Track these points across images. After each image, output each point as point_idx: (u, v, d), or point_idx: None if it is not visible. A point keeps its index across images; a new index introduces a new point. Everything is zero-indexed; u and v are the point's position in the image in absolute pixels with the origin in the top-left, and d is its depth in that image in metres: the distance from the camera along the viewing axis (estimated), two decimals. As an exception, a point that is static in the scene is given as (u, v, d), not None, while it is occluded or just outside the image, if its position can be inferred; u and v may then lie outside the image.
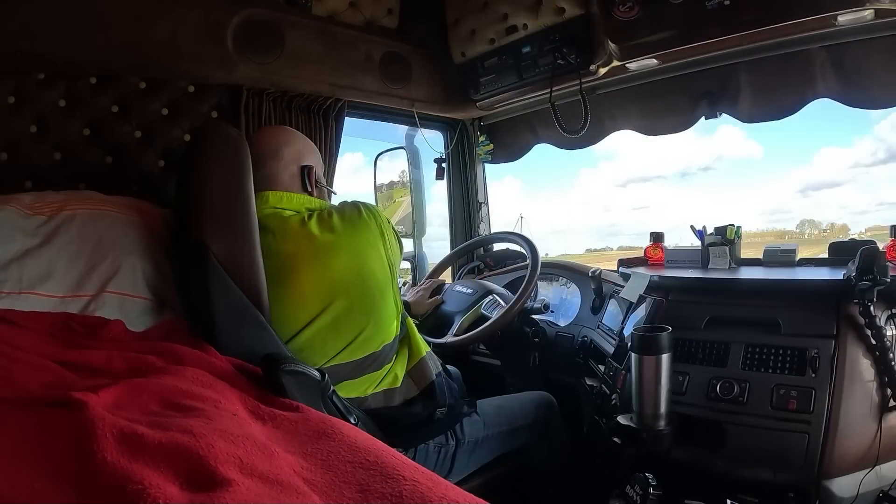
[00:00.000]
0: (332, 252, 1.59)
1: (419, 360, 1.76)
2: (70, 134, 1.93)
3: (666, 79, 2.49)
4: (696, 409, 1.63)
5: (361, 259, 1.62)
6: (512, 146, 3.22)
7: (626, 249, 7.48)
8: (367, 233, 1.64)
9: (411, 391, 1.71)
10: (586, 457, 2.16)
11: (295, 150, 1.74)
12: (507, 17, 2.50)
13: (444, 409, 1.73)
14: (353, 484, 0.79)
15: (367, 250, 1.63)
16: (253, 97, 2.25)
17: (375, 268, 1.64)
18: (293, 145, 1.75)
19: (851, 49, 2.02)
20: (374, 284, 1.64)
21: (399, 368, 1.73)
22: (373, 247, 1.64)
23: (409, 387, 1.72)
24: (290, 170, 1.71)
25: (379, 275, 1.65)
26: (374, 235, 1.65)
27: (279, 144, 1.72)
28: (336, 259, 1.59)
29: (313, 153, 1.80)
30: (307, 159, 1.75)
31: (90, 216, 1.53)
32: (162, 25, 1.99)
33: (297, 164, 1.72)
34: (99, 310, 1.42)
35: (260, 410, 1.06)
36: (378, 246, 1.65)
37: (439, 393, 1.73)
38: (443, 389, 1.75)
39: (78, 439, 0.78)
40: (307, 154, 1.76)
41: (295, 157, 1.73)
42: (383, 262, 1.66)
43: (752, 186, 19.48)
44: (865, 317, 1.49)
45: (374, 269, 1.64)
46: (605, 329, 2.27)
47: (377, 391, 1.67)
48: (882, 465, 1.46)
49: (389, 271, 1.68)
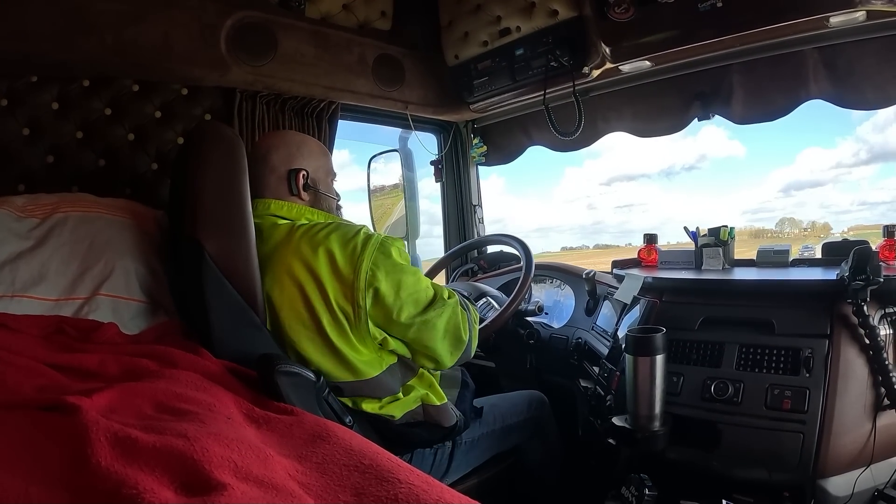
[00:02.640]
0: (288, 259, 1.52)
1: (438, 406, 1.68)
2: (63, 136, 1.93)
3: (659, 80, 2.50)
4: (690, 410, 1.64)
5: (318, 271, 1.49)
6: (506, 148, 3.22)
7: (603, 248, 7.53)
8: (336, 250, 1.50)
9: (417, 416, 1.66)
10: (582, 458, 2.16)
11: (285, 154, 1.69)
12: (500, 19, 2.50)
13: (448, 443, 1.73)
14: (349, 487, 0.79)
15: (322, 267, 1.50)
16: (246, 100, 2.25)
17: (317, 306, 1.50)
18: (283, 149, 1.70)
19: (844, 50, 2.03)
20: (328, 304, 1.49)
21: (403, 405, 1.64)
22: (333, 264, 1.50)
23: (417, 416, 1.66)
24: (276, 173, 1.67)
25: (333, 294, 1.49)
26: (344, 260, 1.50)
27: (269, 148, 1.70)
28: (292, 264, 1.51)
29: (310, 157, 1.72)
30: (298, 163, 1.69)
31: (83, 218, 1.53)
32: (155, 28, 1.98)
33: (285, 167, 1.68)
34: (92, 313, 1.42)
35: (254, 413, 1.06)
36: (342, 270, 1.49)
37: (448, 430, 1.71)
38: (454, 429, 1.72)
39: (72, 444, 0.77)
40: (299, 158, 1.70)
41: (284, 160, 1.68)
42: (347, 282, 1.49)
43: (736, 186, 19.70)
44: (859, 316, 1.49)
45: (315, 306, 1.50)
46: (600, 330, 2.28)
47: (373, 413, 1.61)
48: (876, 464, 1.47)
49: (353, 311, 1.50)
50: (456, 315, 1.65)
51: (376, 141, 3.11)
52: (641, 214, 14.03)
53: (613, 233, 15.98)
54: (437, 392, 1.71)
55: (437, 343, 1.62)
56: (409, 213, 2.97)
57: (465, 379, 1.92)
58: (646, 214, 14.46)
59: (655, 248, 2.32)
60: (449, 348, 1.65)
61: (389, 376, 1.61)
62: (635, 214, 16.39)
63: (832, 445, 1.44)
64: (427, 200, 3.35)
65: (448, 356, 1.66)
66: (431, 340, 1.61)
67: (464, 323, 1.67)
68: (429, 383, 1.71)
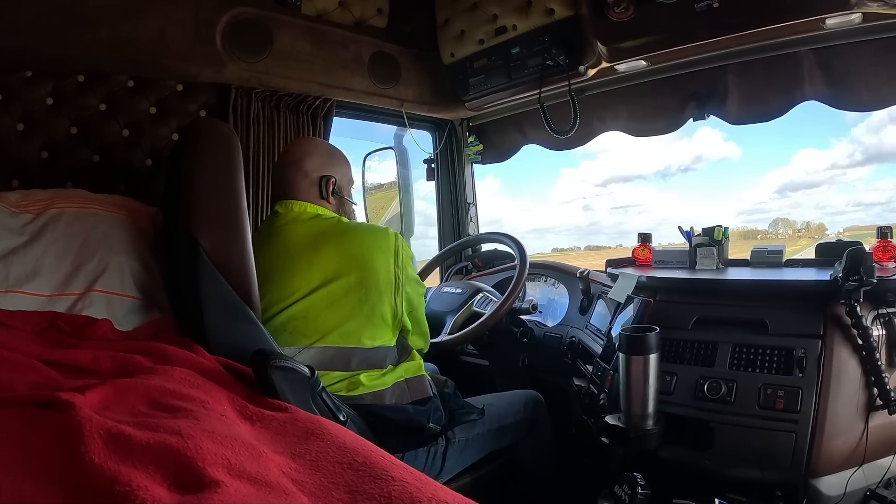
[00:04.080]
0: (346, 236, 1.74)
1: (418, 376, 1.79)
2: (57, 132, 1.92)
3: (654, 80, 2.50)
4: (683, 409, 1.64)
5: (370, 253, 1.72)
6: (501, 147, 3.22)
7: (595, 249, 7.55)
8: (382, 239, 1.76)
9: (404, 398, 1.71)
10: (575, 457, 2.17)
11: (318, 161, 1.84)
12: (496, 17, 2.50)
13: (436, 427, 1.73)
14: (342, 485, 0.79)
15: (375, 251, 1.73)
16: (241, 96, 2.24)
17: (380, 268, 1.73)
18: (316, 156, 1.85)
19: (839, 52, 2.03)
20: (374, 282, 1.71)
21: (393, 376, 1.74)
22: (382, 252, 1.74)
23: (403, 393, 1.72)
24: (309, 178, 1.81)
25: (381, 275, 1.73)
26: (387, 245, 1.76)
27: (303, 154, 1.84)
28: (349, 243, 1.73)
29: (338, 165, 1.89)
30: (328, 170, 1.84)
31: (77, 214, 1.52)
32: (150, 23, 1.97)
33: (317, 173, 1.82)
34: (86, 309, 1.41)
35: (248, 410, 1.06)
36: (388, 254, 1.75)
37: (433, 410, 1.73)
38: (437, 408, 1.75)
39: (65, 440, 0.77)
40: (330, 166, 1.85)
41: (317, 167, 1.83)
42: (389, 269, 1.74)
43: (731, 187, 19.78)
44: (852, 317, 1.50)
45: (378, 267, 1.72)
46: (593, 329, 2.28)
47: (367, 392, 1.66)
48: (869, 464, 1.48)
49: (394, 283, 1.75)
50: None
51: (371, 138, 3.11)
52: (637, 216, 14.10)
53: (610, 234, 16.10)
54: (420, 367, 1.84)
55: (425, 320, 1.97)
56: (403, 211, 2.97)
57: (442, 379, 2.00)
58: (641, 216, 14.54)
59: (650, 248, 2.32)
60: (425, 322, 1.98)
61: (394, 351, 1.80)
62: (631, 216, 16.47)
63: (824, 445, 1.44)
64: (424, 202, 3.36)
65: (427, 328, 1.99)
66: (424, 317, 1.96)
67: None
68: (412, 358, 1.86)
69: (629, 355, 1.60)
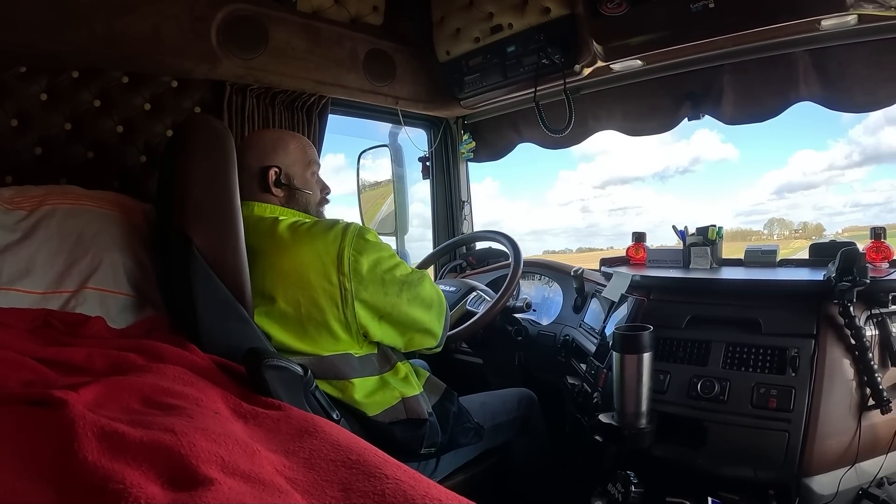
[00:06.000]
0: (280, 250, 1.56)
1: (414, 396, 1.70)
2: (51, 128, 1.91)
3: (650, 80, 2.51)
4: (677, 408, 1.65)
5: (303, 269, 1.54)
6: (495, 145, 3.22)
7: (587, 251, 7.55)
8: (320, 246, 1.55)
9: (399, 414, 1.65)
10: (568, 455, 2.17)
11: (257, 153, 1.71)
12: (492, 16, 2.50)
13: (430, 451, 1.71)
14: (336, 483, 0.79)
15: (310, 265, 1.54)
16: (236, 93, 2.24)
17: (315, 283, 1.53)
18: (257, 148, 1.73)
19: (834, 53, 2.04)
20: (311, 300, 1.54)
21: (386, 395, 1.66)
22: (320, 261, 1.54)
23: (399, 413, 1.65)
24: (249, 172, 1.68)
25: (319, 291, 1.54)
26: (326, 251, 1.54)
27: (245, 149, 1.70)
28: (282, 257, 1.55)
29: (282, 152, 1.74)
30: (269, 160, 1.71)
31: (71, 211, 1.52)
32: (145, 19, 1.97)
33: (258, 165, 1.70)
34: (80, 306, 1.41)
35: (241, 408, 1.06)
36: (326, 264, 1.54)
37: (430, 431, 1.69)
38: (435, 429, 1.71)
39: (58, 438, 0.77)
40: (272, 153, 1.72)
41: (256, 159, 1.70)
42: (329, 282, 1.54)
43: (729, 189, 19.71)
44: (845, 317, 1.50)
45: (313, 283, 1.53)
46: (587, 328, 2.28)
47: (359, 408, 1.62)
48: (861, 463, 1.48)
49: (339, 296, 1.55)
50: (432, 281, 1.77)
51: (366, 136, 3.11)
52: (635, 217, 13.99)
53: (608, 235, 16.02)
54: (411, 383, 1.73)
55: (427, 313, 1.72)
56: (398, 209, 2.97)
57: (448, 390, 1.87)
58: (640, 217, 14.46)
59: (644, 247, 2.33)
60: (436, 317, 1.76)
61: (370, 359, 1.66)
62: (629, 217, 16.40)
63: (817, 444, 1.45)
64: (421, 204, 3.36)
65: (438, 325, 1.77)
66: (422, 311, 1.70)
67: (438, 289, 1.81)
68: (403, 375, 1.72)
69: (623, 354, 1.60)
